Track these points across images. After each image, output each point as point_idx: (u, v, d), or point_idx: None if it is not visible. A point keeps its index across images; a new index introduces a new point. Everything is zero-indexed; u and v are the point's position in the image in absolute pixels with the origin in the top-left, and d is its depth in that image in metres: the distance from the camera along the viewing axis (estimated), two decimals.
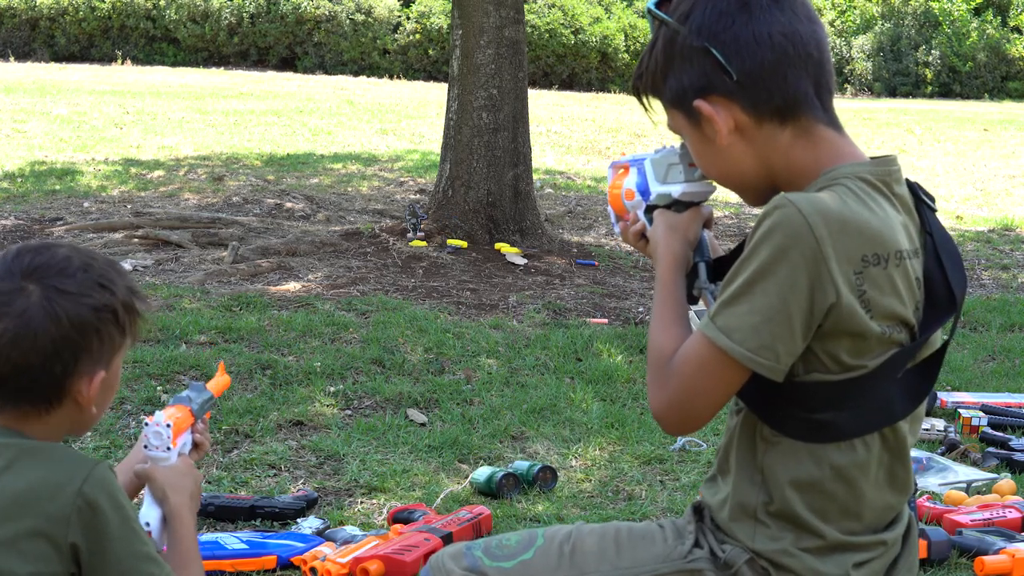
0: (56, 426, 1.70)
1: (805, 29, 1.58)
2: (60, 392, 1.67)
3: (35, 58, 20.74)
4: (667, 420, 1.65)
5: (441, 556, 1.78)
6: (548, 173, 9.87)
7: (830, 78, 1.62)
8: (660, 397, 1.63)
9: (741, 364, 1.54)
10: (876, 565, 1.74)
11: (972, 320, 5.58)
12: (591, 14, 21.91)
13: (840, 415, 1.59)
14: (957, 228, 8.20)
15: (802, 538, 1.65)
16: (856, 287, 1.52)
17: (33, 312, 1.64)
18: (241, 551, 2.85)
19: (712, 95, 1.59)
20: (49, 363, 1.65)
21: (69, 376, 1.67)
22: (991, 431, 3.93)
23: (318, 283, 5.68)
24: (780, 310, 1.51)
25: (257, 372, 4.24)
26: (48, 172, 8.68)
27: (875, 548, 1.72)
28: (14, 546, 1.57)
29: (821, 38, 1.60)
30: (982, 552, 2.94)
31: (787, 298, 1.51)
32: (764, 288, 1.51)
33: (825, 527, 1.64)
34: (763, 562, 1.68)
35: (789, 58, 1.57)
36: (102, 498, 1.60)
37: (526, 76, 6.66)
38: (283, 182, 8.72)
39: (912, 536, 1.76)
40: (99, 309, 1.68)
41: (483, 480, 3.33)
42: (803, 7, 1.60)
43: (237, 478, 3.37)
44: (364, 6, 21.66)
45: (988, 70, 23.78)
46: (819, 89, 1.60)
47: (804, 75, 1.58)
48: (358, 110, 14.41)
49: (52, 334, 1.64)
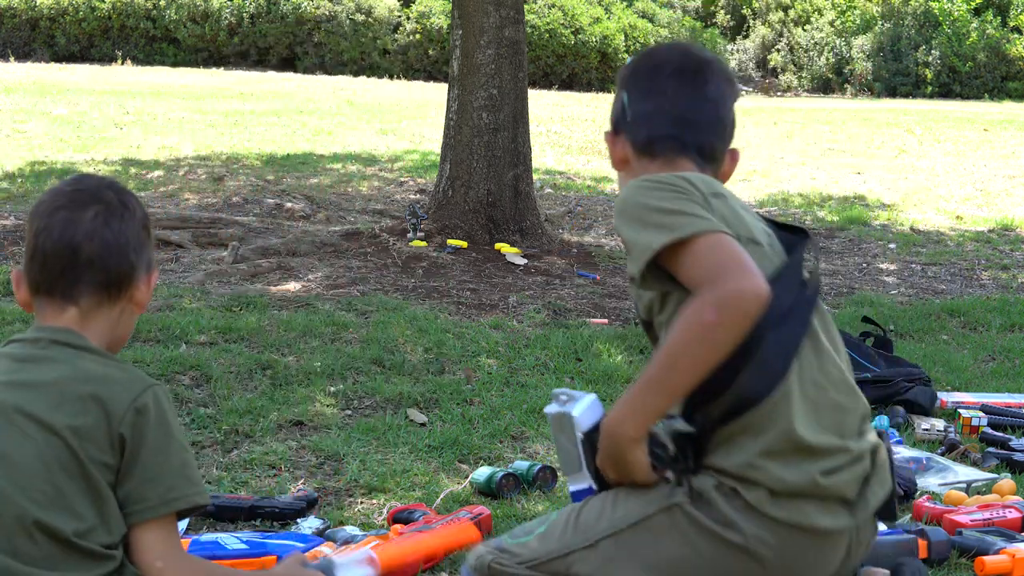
0: (106, 330, 1.96)
1: (693, 101, 2.02)
2: (128, 282, 1.97)
3: (35, 58, 20.74)
4: (756, 279, 1.75)
5: (475, 547, 2.06)
6: (548, 173, 9.87)
7: (706, 135, 2.02)
8: (738, 285, 1.74)
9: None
10: (845, 475, 1.84)
11: (972, 320, 5.58)
12: (591, 14, 21.91)
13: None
14: (957, 228, 8.21)
15: (761, 441, 1.79)
16: (720, 218, 1.85)
17: (115, 205, 1.97)
18: (241, 551, 2.84)
19: (620, 131, 2.07)
20: (127, 249, 1.96)
21: (136, 268, 1.97)
22: (991, 431, 3.92)
23: (318, 283, 5.68)
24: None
25: (257, 372, 4.24)
26: (48, 172, 8.68)
27: (839, 455, 1.84)
28: (85, 434, 1.83)
29: (706, 109, 2.02)
30: (982, 552, 2.93)
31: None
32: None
33: (785, 426, 1.80)
34: (730, 482, 1.80)
35: (664, 114, 2.01)
36: (152, 406, 1.89)
37: (526, 76, 6.66)
38: (283, 182, 8.72)
39: (881, 455, 1.90)
40: (147, 216, 2.03)
41: (483, 480, 3.33)
42: (712, 87, 2.02)
43: (237, 478, 3.37)
44: (364, 6, 21.66)
45: (988, 70, 23.78)
46: (689, 139, 2.01)
47: (676, 128, 2.01)
48: (358, 110, 14.41)
49: (131, 224, 1.97)
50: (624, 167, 2.05)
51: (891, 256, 7.17)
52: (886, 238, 7.70)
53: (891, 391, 4.20)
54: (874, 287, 6.29)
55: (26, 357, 1.93)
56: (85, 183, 2.01)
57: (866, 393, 4.22)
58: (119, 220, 1.96)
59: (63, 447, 1.84)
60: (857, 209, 8.74)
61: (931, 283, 6.49)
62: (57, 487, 1.83)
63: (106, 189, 2.00)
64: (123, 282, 1.97)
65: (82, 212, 1.95)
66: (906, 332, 5.33)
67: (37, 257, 1.97)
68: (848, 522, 1.85)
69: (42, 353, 1.92)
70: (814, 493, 1.81)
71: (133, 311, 2.01)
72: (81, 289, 1.95)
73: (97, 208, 1.96)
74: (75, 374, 1.90)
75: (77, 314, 1.95)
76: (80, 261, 1.94)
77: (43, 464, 1.83)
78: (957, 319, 5.61)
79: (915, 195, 9.63)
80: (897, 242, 7.57)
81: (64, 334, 1.94)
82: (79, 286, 1.94)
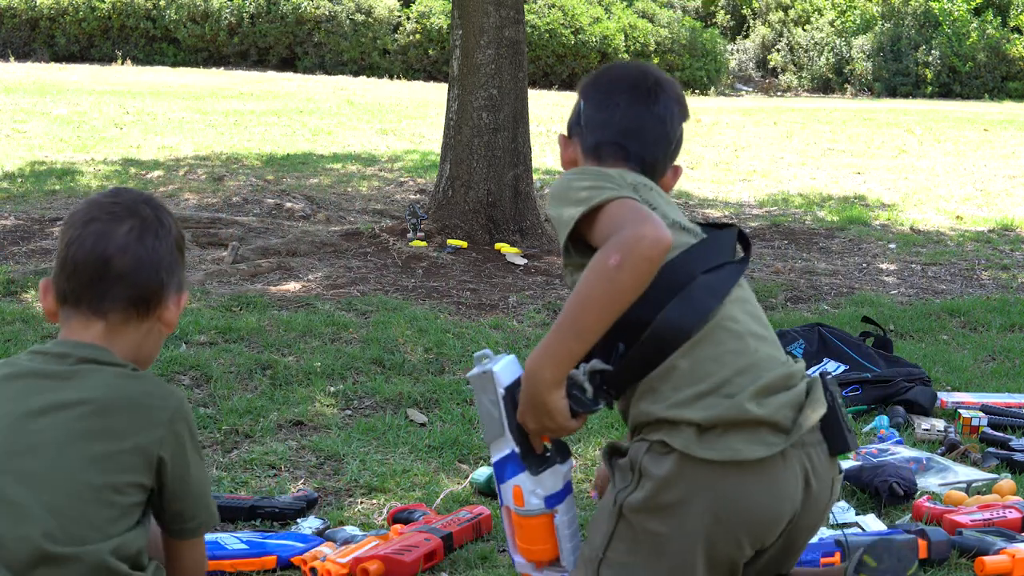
0: (133, 347, 1.95)
1: (641, 117, 2.16)
2: (157, 300, 1.96)
3: (35, 58, 20.73)
4: (660, 227, 1.87)
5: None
6: (548, 173, 9.87)
7: (650, 149, 2.16)
8: (640, 233, 1.85)
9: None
10: (775, 401, 1.89)
11: (972, 320, 5.57)
12: (591, 14, 21.90)
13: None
14: (957, 228, 8.20)
15: (689, 380, 1.89)
16: (643, 201, 1.98)
17: (151, 221, 1.97)
18: (241, 551, 2.84)
19: (573, 135, 2.24)
20: (159, 266, 1.96)
21: (166, 287, 1.97)
22: (991, 431, 3.92)
23: (318, 283, 5.68)
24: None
25: (257, 372, 4.24)
26: (48, 172, 8.68)
27: (770, 382, 1.91)
28: (117, 459, 1.83)
29: (654, 125, 2.16)
30: (982, 552, 2.93)
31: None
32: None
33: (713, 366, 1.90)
34: (658, 434, 1.87)
35: (614, 124, 2.16)
36: (185, 427, 1.92)
37: (526, 76, 6.66)
38: (283, 182, 8.71)
39: (816, 384, 1.96)
40: (182, 237, 2.04)
41: (483, 480, 3.32)
42: (662, 107, 2.17)
43: (237, 478, 3.37)
44: (364, 6, 21.65)
45: (988, 70, 23.77)
46: (634, 149, 2.15)
47: (623, 138, 2.15)
48: (358, 110, 14.41)
49: (165, 242, 1.97)
50: (572, 167, 2.19)
51: (891, 256, 7.17)
52: (886, 238, 7.70)
53: (891, 391, 4.20)
54: (874, 287, 6.29)
55: (53, 374, 1.90)
56: (122, 197, 2.00)
57: (866, 393, 4.28)
58: (153, 236, 1.95)
59: (92, 468, 1.82)
60: (857, 209, 8.73)
61: (931, 283, 6.49)
62: (83, 507, 1.80)
63: (143, 204, 1.99)
64: (152, 299, 1.95)
65: (117, 226, 1.93)
66: (906, 332, 5.33)
67: (67, 267, 1.94)
68: (783, 442, 1.86)
69: (70, 370, 1.89)
70: (744, 422, 1.85)
71: (161, 331, 2.00)
72: (109, 303, 1.93)
73: (132, 223, 1.94)
74: (106, 394, 1.87)
75: (104, 328, 1.93)
76: (110, 274, 1.92)
77: (72, 484, 1.80)
78: (957, 319, 5.60)
79: (915, 195, 9.63)
80: (897, 242, 7.56)
81: (92, 350, 1.91)
82: (108, 299, 1.93)
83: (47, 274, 6.19)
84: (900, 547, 2.74)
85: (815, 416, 1.90)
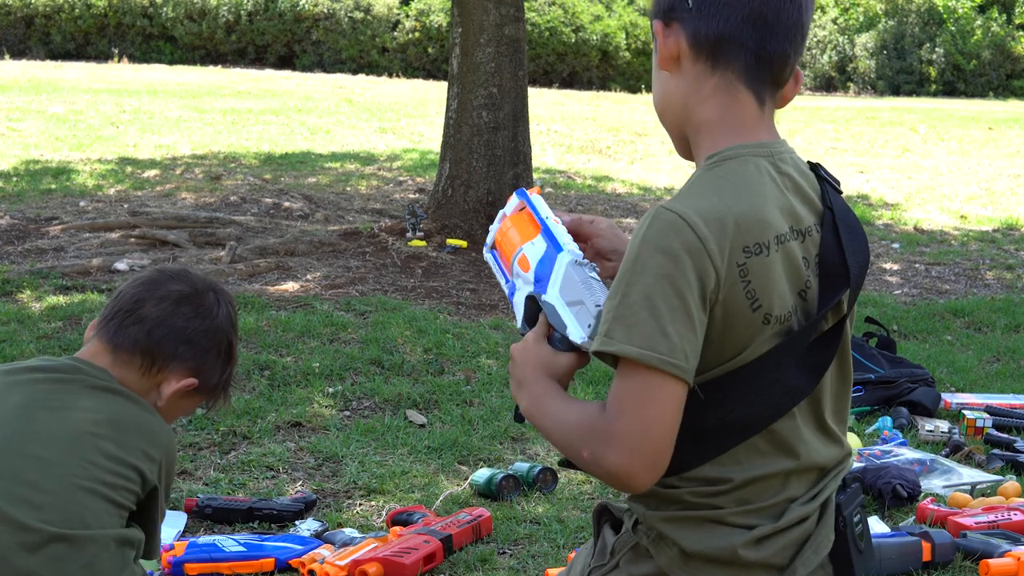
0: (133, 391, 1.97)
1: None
2: (162, 363, 1.98)
3: (30, 56, 20.71)
4: (636, 467, 1.50)
5: None
6: (548, 172, 9.84)
7: (782, 43, 1.59)
8: (613, 453, 1.49)
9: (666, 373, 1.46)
10: (776, 543, 1.61)
11: (976, 320, 5.54)
12: (592, 12, 21.89)
13: (732, 413, 1.53)
14: (961, 228, 8.18)
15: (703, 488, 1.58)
16: (741, 278, 1.49)
17: (205, 305, 2.04)
18: (239, 554, 2.83)
19: (673, 20, 1.59)
20: (181, 337, 2.00)
21: (175, 359, 1.99)
22: (996, 433, 3.89)
23: (316, 283, 5.65)
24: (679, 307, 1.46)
25: (255, 373, 4.21)
26: (43, 171, 8.65)
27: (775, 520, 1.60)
28: (122, 464, 1.88)
29: (789, 8, 1.58)
30: (987, 555, 2.91)
31: (683, 294, 1.46)
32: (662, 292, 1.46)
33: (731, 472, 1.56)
34: (647, 541, 1.64)
35: (741, 6, 1.56)
36: (172, 461, 1.99)
37: (526, 74, 6.63)
38: (281, 181, 8.69)
39: (828, 509, 1.64)
40: (231, 345, 2.11)
41: (483, 482, 3.30)
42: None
43: (235, 480, 3.34)
44: (363, 4, 21.64)
45: (993, 68, 23.77)
46: (761, 50, 1.58)
47: (750, 28, 1.57)
48: (357, 109, 14.38)
49: (201, 324, 2.02)
50: (672, 67, 1.61)
51: (895, 256, 7.14)
52: (890, 237, 7.67)
53: (895, 392, 4.18)
54: (878, 287, 6.26)
55: (70, 381, 1.94)
56: (197, 283, 2.07)
57: (870, 394, 4.25)
58: (195, 314, 2.03)
59: (101, 462, 1.87)
60: (860, 208, 8.71)
61: (935, 283, 6.46)
62: (90, 496, 1.85)
63: (210, 292, 2.07)
64: (157, 358, 1.99)
65: (170, 286, 2.03)
66: (910, 332, 5.30)
67: (114, 297, 2.05)
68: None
69: (83, 381, 1.94)
70: (732, 562, 1.58)
71: (157, 403, 2.00)
72: (121, 338, 1.98)
73: (185, 291, 2.03)
74: (118, 411, 1.93)
75: (111, 361, 1.98)
76: (136, 314, 1.99)
77: (83, 471, 1.85)
78: (961, 319, 5.57)
79: (919, 194, 9.60)
80: (901, 242, 7.53)
81: (101, 373, 1.96)
82: (121, 334, 1.99)
83: (42, 274, 6.12)
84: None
85: (816, 559, 1.62)
